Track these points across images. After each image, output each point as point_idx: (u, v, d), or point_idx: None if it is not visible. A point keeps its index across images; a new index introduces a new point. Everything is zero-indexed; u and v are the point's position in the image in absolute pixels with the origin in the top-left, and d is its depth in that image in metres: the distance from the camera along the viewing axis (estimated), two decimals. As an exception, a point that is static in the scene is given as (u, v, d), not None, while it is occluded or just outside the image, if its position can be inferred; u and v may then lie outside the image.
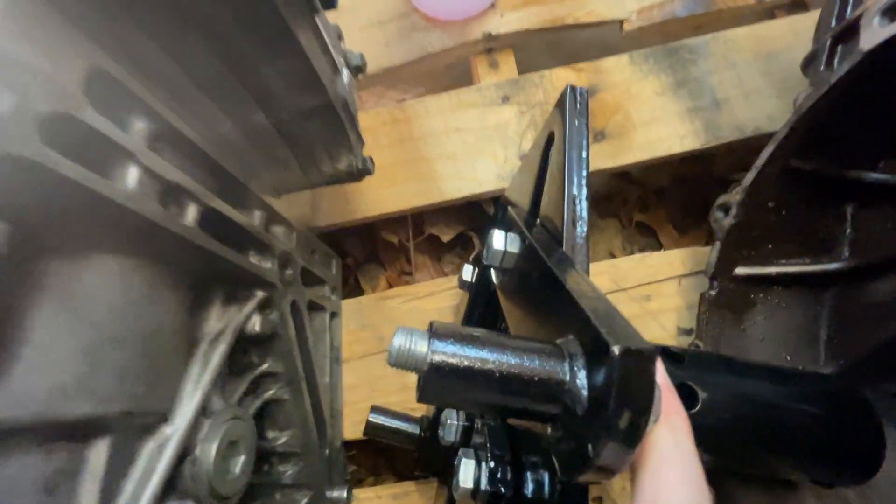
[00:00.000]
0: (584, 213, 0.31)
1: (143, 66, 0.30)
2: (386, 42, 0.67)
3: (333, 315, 0.60)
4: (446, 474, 0.52)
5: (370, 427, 0.51)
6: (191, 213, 0.33)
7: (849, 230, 0.50)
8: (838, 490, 0.43)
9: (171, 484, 0.33)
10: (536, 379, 0.19)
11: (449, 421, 0.45)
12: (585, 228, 0.31)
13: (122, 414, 0.29)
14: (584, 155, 0.34)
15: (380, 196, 0.62)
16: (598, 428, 0.18)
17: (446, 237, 0.70)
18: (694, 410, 0.36)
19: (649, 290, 0.58)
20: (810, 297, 0.51)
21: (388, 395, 0.58)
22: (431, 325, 0.21)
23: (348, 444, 0.60)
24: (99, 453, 0.28)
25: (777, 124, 0.62)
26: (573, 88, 0.36)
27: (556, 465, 0.20)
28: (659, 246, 0.73)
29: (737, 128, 0.60)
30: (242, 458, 0.39)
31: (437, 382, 0.20)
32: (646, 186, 0.77)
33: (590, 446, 0.18)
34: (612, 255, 0.72)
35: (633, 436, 0.17)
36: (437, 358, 0.19)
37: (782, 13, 0.66)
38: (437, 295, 0.62)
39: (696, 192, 0.74)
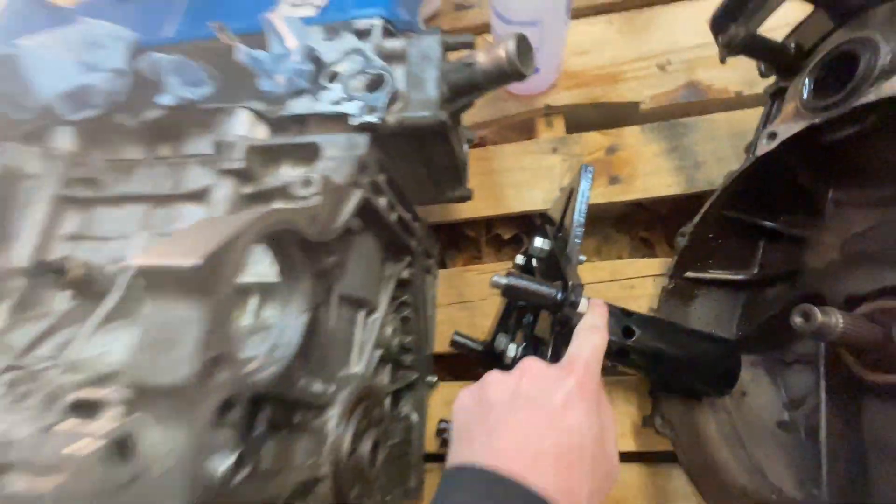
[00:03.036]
0: (579, 234, 0.66)
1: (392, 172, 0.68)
2: (479, 106, 1.03)
3: (434, 276, 0.97)
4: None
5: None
6: (392, 215, 0.71)
7: (759, 255, 0.80)
8: (721, 400, 0.76)
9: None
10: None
11: (509, 343, 0.81)
12: (578, 242, 0.66)
13: (364, 300, 0.68)
14: (583, 208, 0.68)
15: (465, 207, 0.99)
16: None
17: (507, 235, 1.04)
18: (631, 340, 0.69)
19: (634, 283, 0.91)
20: (731, 294, 0.82)
21: (462, 330, 0.95)
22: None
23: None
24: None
25: (737, 181, 0.91)
26: (585, 167, 0.70)
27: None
28: (654, 255, 1.04)
29: (708, 182, 0.91)
30: (398, 336, 0.78)
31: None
32: (652, 212, 1.08)
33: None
34: (619, 258, 1.04)
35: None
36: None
37: (754, 104, 0.95)
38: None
39: (686, 221, 1.04)
